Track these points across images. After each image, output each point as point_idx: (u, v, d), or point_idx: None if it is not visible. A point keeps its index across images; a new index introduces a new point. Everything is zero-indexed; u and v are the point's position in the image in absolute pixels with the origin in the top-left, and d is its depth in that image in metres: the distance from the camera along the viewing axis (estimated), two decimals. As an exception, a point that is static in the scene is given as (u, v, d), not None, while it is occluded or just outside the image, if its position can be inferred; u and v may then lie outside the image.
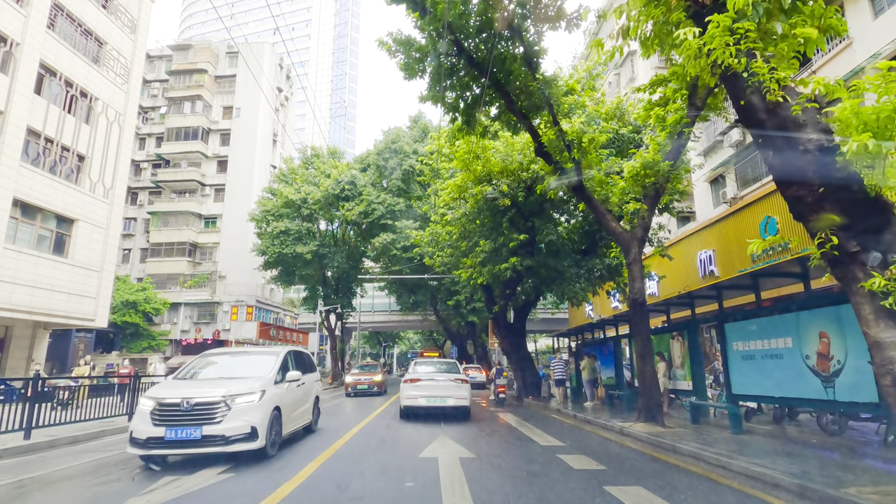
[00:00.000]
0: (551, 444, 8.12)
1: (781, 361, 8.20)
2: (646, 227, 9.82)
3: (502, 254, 15.27)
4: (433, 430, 9.93)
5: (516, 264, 14.41)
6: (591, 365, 15.32)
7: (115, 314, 35.02)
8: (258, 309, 44.16)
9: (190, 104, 46.37)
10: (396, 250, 27.73)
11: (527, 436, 9.13)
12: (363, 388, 21.18)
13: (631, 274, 9.62)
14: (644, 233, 9.87)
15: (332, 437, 8.73)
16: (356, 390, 21.15)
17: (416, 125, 30.76)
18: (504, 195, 14.39)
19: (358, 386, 21.20)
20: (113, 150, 27.30)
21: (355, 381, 21.39)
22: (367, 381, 21.27)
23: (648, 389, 9.28)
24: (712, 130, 21.36)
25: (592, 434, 9.54)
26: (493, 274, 15.59)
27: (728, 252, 18.37)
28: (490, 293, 20.19)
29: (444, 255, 20.68)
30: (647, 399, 9.27)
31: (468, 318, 31.14)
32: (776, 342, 8.34)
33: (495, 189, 14.30)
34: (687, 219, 26.33)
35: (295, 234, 32.22)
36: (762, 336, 8.64)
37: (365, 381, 21.26)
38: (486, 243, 15.23)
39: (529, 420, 12.12)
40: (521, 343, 20.28)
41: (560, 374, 15.74)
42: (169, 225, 44.20)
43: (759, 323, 8.77)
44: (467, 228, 16.48)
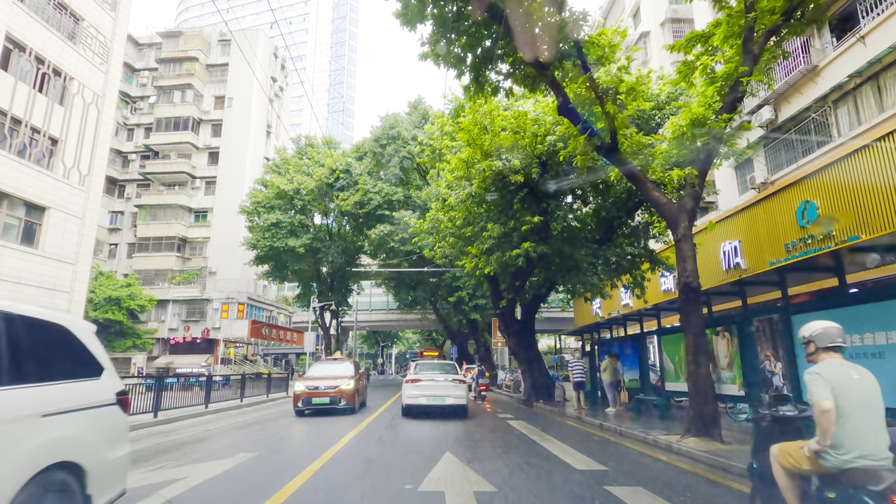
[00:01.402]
0: (590, 467, 6.32)
1: (882, 361, 6.41)
2: (696, 197, 8.05)
3: (513, 239, 13.48)
4: (436, 443, 8.16)
5: (530, 250, 12.62)
6: (613, 366, 13.53)
7: (96, 311, 33.20)
8: (250, 307, 42.33)
9: (180, 93, 44.53)
10: (394, 243, 25.94)
11: (554, 454, 7.33)
12: (321, 404, 13.25)
13: (680, 253, 7.84)
14: (695, 203, 8.08)
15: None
16: (310, 405, 13.28)
17: (416, 111, 28.95)
18: (515, 171, 12.60)
19: (313, 399, 13.26)
20: (90, 134, 25.42)
21: (308, 390, 13.36)
22: (328, 391, 13.33)
23: (703, 395, 7.49)
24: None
25: (633, 451, 7.75)
26: (501, 263, 13.80)
27: (756, 243, 16.62)
28: (496, 286, 18.39)
29: (445, 246, 18.91)
30: (701, 407, 7.49)
31: (470, 315, 29.35)
32: (874, 337, 6.56)
33: (506, 164, 12.51)
34: (704, 209, 24.57)
35: (287, 227, 30.40)
36: (852, 329, 6.85)
37: (324, 391, 13.32)
38: (495, 227, 13.43)
39: (549, 430, 10.33)
40: (531, 342, 18.48)
41: (579, 375, 13.95)
42: (157, 219, 42.34)
43: (848, 313, 6.98)
44: (472, 213, 14.68)
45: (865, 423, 2.92)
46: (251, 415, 14.52)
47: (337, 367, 14.92)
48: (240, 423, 12.14)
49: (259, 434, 9.90)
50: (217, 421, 12.94)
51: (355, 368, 14.86)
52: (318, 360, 16.22)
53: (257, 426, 11.44)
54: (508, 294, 16.87)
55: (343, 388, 13.41)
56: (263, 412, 15.37)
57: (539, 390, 17.44)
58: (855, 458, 2.88)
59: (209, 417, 13.98)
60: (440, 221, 17.05)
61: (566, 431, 10.22)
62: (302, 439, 9.28)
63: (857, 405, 2.95)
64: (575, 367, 14.09)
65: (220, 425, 11.79)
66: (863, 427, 2.91)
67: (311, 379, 13.90)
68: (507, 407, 17.04)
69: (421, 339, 74.22)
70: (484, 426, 11.14)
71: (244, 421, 12.77)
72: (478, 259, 15.50)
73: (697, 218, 17.94)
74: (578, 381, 13.94)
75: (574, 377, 13.94)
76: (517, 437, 9.33)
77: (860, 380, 3.05)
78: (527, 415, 13.97)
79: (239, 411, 15.75)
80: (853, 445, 2.89)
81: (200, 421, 13.06)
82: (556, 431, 10.12)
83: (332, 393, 13.22)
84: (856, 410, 2.94)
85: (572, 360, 14.32)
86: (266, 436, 9.62)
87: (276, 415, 14.23)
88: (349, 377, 13.94)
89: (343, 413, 13.31)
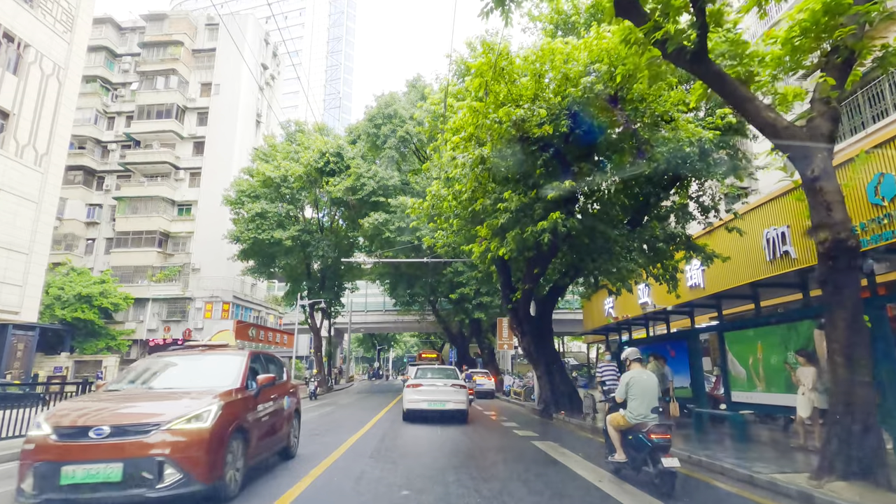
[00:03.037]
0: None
1: None
2: (835, 118, 5.42)
3: (535, 212, 10.80)
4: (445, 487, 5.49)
5: (559, 222, 9.92)
6: (660, 371, 10.82)
7: (65, 309, 30.38)
8: (236, 306, 39.52)
9: (164, 79, 41.84)
10: (390, 233, 23.24)
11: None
12: (90, 482, 4.39)
13: (818, 198, 5.20)
14: (833, 126, 5.43)
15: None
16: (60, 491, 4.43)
17: (414, 89, 26.30)
18: (541, 123, 9.93)
19: (70, 474, 4.41)
20: (49, 108, 22.64)
21: (60, 440, 4.58)
22: (107, 448, 4.51)
23: (860, 416, 4.82)
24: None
25: (738, 498, 5.09)
26: (520, 242, 11.12)
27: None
28: (508, 276, 15.70)
29: (448, 232, 16.28)
30: (856, 435, 4.82)
31: (473, 314, 26.62)
32: None
33: (530, 112, 9.85)
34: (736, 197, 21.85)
35: (273, 217, 27.68)
36: None
37: (104, 447, 4.51)
38: (513, 197, 10.72)
39: (593, 457, 7.63)
40: (548, 342, 15.78)
41: (612, 381, 11.22)
42: (138, 212, 39.54)
43: None
44: (483, 182, 11.98)
45: (643, 400, 5.92)
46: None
47: (193, 368, 6.40)
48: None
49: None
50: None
51: (244, 371, 5.95)
52: (154, 355, 5.84)
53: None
54: (524, 284, 14.15)
55: (175, 432, 4.63)
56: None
57: (560, 399, 14.75)
58: (637, 417, 5.90)
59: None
60: (443, 199, 14.37)
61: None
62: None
63: (640, 391, 5.96)
64: (606, 372, 11.34)
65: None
66: (641, 402, 5.92)
67: (86, 411, 4.91)
68: (522, 419, 14.31)
69: (419, 342, 71.44)
70: (506, 451, 8.44)
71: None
72: (488, 241, 12.81)
73: (732, 205, 15.31)
74: (612, 390, 11.21)
75: (605, 383, 11.20)
76: (559, 472, 6.62)
77: (646, 379, 6.10)
78: (549, 431, 11.27)
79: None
80: (637, 411, 5.91)
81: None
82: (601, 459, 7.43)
83: (120, 451, 4.50)
84: (640, 394, 5.94)
85: (602, 364, 11.58)
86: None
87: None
88: (206, 399, 5.03)
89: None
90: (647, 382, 6.03)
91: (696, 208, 14.29)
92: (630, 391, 6.01)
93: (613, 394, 11.34)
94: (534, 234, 10.33)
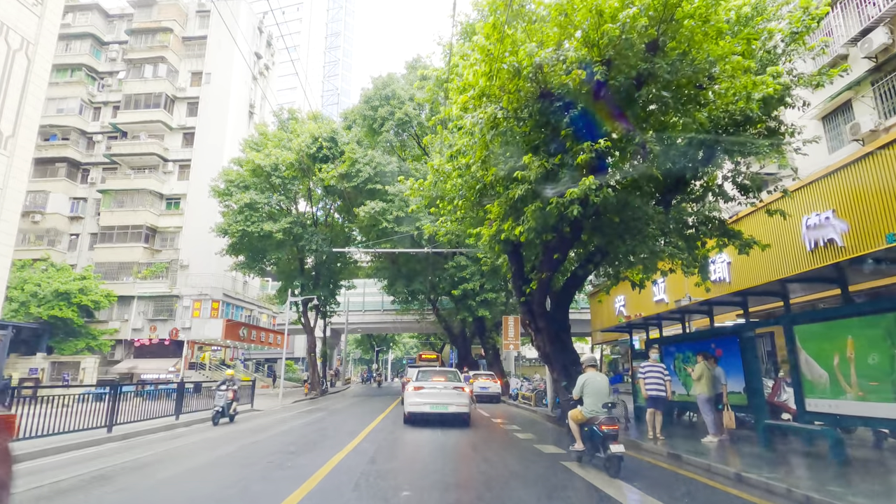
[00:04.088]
0: None
1: None
2: None
3: (559, 179, 8.94)
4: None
5: (589, 189, 8.05)
6: (710, 373, 8.97)
7: (41, 307, 28.46)
8: (226, 304, 37.63)
9: (152, 67, 40.01)
10: (387, 222, 21.37)
11: None
12: None
13: None
14: None
15: None
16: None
17: (414, 70, 24.44)
18: (568, 69, 8.08)
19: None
20: (16, 86, 20.80)
21: None
22: None
23: None
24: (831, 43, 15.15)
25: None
26: (540, 219, 9.27)
27: (860, 212, 12.26)
28: (520, 263, 13.82)
29: (450, 217, 14.49)
30: None
31: (477, 312, 24.72)
32: None
33: (555, 58, 8.00)
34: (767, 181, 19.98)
35: (263, 208, 25.82)
36: None
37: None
38: (534, 161, 8.85)
39: (654, 488, 5.77)
40: (565, 340, 13.89)
41: (657, 387, 9.36)
42: (124, 206, 37.66)
43: None
44: (495, 152, 10.13)
45: (596, 398, 7.11)
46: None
47: None
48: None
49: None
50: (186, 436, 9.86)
51: None
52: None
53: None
54: (540, 273, 12.27)
55: None
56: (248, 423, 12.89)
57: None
58: (591, 412, 7.03)
59: (178, 431, 11.51)
60: (446, 176, 12.52)
61: (677, 488, 5.68)
62: None
63: (593, 391, 7.15)
64: (650, 375, 9.46)
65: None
66: (595, 400, 7.11)
67: None
68: (538, 429, 12.44)
69: (418, 343, 69.50)
70: (537, 482, 6.57)
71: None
72: (500, 222, 10.96)
73: (768, 187, 13.45)
74: (656, 397, 9.33)
75: (649, 389, 9.33)
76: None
77: (599, 380, 7.31)
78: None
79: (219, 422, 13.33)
80: (591, 407, 7.08)
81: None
82: (664, 491, 5.57)
83: None
84: (593, 393, 7.13)
85: (646, 365, 9.71)
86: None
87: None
88: None
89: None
90: (600, 383, 7.33)
91: (733, 188, 12.50)
92: (585, 391, 7.27)
93: (656, 391, 9.65)
94: (559, 206, 8.46)
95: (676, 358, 12.06)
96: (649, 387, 9.27)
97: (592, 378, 7.30)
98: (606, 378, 7.51)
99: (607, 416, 6.85)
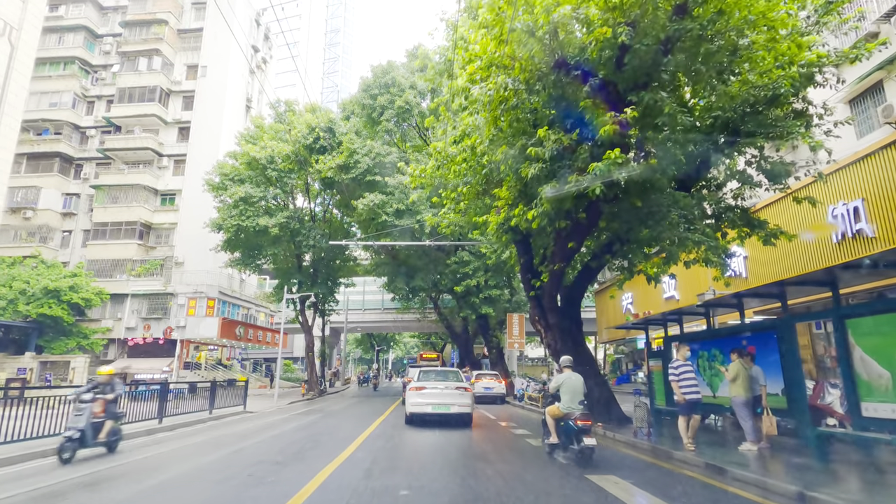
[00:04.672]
0: None
1: None
2: None
3: (578, 157, 7.98)
4: None
5: (613, 165, 7.10)
6: (746, 372, 7.99)
7: (30, 304, 27.55)
8: (223, 302, 36.67)
9: (146, 60, 39.04)
10: (387, 215, 20.41)
11: None
12: None
13: None
14: None
15: None
16: None
17: (415, 58, 23.48)
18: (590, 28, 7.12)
19: None
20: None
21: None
22: None
23: None
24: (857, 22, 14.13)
25: None
26: (555, 202, 8.31)
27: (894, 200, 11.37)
28: (529, 254, 12.87)
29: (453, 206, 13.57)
30: None
31: (480, 309, 23.75)
32: None
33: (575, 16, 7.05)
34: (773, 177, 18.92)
35: (259, 203, 24.86)
36: None
37: None
38: (550, 135, 7.89)
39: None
40: (578, 338, 12.94)
41: (693, 388, 8.33)
42: (117, 201, 36.70)
43: None
44: (504, 129, 9.16)
45: (572, 396, 7.71)
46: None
47: None
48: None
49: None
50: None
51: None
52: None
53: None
54: (552, 265, 11.30)
55: None
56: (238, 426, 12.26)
57: (594, 408, 11.92)
58: (567, 408, 7.63)
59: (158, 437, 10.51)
60: (451, 160, 11.58)
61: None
62: None
63: (569, 389, 7.74)
64: (686, 376, 8.41)
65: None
66: (571, 398, 7.70)
67: None
68: (549, 433, 11.48)
69: (419, 343, 68.56)
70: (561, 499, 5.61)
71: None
72: (509, 207, 10.01)
73: (796, 173, 12.47)
74: (693, 401, 8.29)
75: (687, 392, 8.28)
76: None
77: (574, 380, 7.89)
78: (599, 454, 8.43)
79: (207, 425, 12.85)
80: (567, 403, 7.66)
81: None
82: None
83: None
84: (569, 391, 7.73)
85: (678, 363, 8.65)
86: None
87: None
88: None
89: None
90: (575, 383, 7.93)
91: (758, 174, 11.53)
92: (562, 389, 7.90)
93: (691, 393, 8.68)
94: (578, 185, 7.50)
95: (700, 357, 11.09)
96: (686, 389, 8.22)
97: (569, 378, 8.01)
98: (581, 378, 8.17)
99: (582, 412, 7.59)
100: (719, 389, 10.44)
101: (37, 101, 38.56)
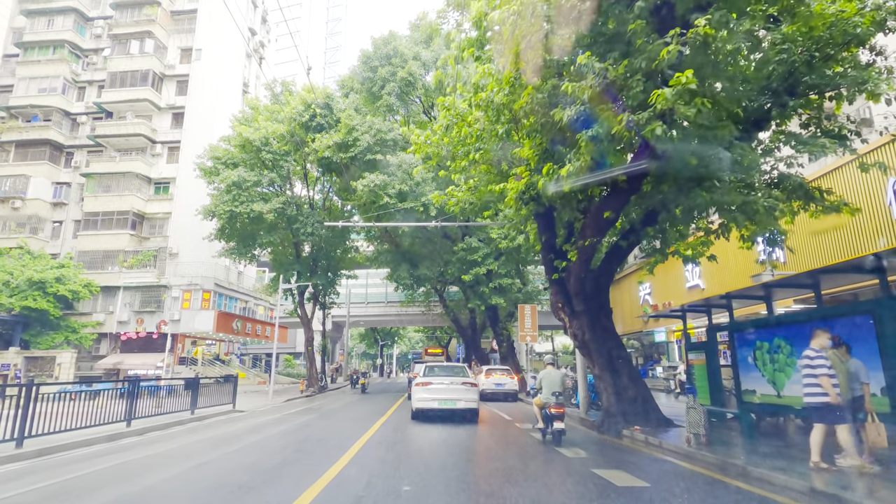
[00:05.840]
0: None
1: None
2: None
3: (630, 93, 6.25)
4: None
5: (685, 95, 5.38)
6: (844, 367, 6.27)
7: (13, 297, 26.08)
8: (219, 295, 35.15)
9: (138, 43, 37.38)
10: (389, 197, 18.71)
11: None
12: None
13: None
14: None
15: None
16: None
17: (418, 29, 21.70)
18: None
19: None
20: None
21: None
22: None
23: None
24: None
25: None
26: (596, 151, 6.59)
27: None
28: (552, 231, 11.13)
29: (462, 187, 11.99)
30: None
31: (490, 300, 22.07)
32: None
33: None
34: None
35: (253, 188, 23.24)
36: None
37: None
38: (593, 62, 6.15)
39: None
40: (608, 328, 11.22)
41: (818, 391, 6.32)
42: (109, 190, 35.15)
43: None
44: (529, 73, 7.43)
45: (549, 389, 9.37)
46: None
47: None
48: None
49: None
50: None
51: None
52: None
53: None
54: (583, 240, 9.58)
55: None
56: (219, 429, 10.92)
57: (629, 407, 10.26)
58: (545, 397, 9.31)
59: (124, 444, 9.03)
60: (462, 118, 9.88)
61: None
62: None
63: (548, 383, 9.43)
64: (820, 366, 6.15)
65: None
66: (548, 390, 9.36)
67: None
68: (579, 438, 9.80)
69: (424, 338, 67.02)
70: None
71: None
72: (532, 169, 8.31)
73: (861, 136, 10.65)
74: (819, 406, 6.22)
75: (818, 393, 6.20)
76: None
77: (553, 375, 9.61)
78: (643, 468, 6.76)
79: (185, 428, 11.55)
80: (545, 394, 9.35)
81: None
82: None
83: None
84: (548, 385, 9.41)
85: (814, 352, 6.47)
86: None
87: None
88: None
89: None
90: (553, 377, 9.55)
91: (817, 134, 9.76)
92: (542, 382, 9.53)
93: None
94: (638, 124, 5.76)
95: (758, 348, 9.38)
96: (807, 390, 6.35)
97: (549, 373, 9.65)
98: (560, 373, 10.00)
99: (556, 402, 9.06)
100: (785, 388, 8.73)
101: (26, 86, 37.06)
